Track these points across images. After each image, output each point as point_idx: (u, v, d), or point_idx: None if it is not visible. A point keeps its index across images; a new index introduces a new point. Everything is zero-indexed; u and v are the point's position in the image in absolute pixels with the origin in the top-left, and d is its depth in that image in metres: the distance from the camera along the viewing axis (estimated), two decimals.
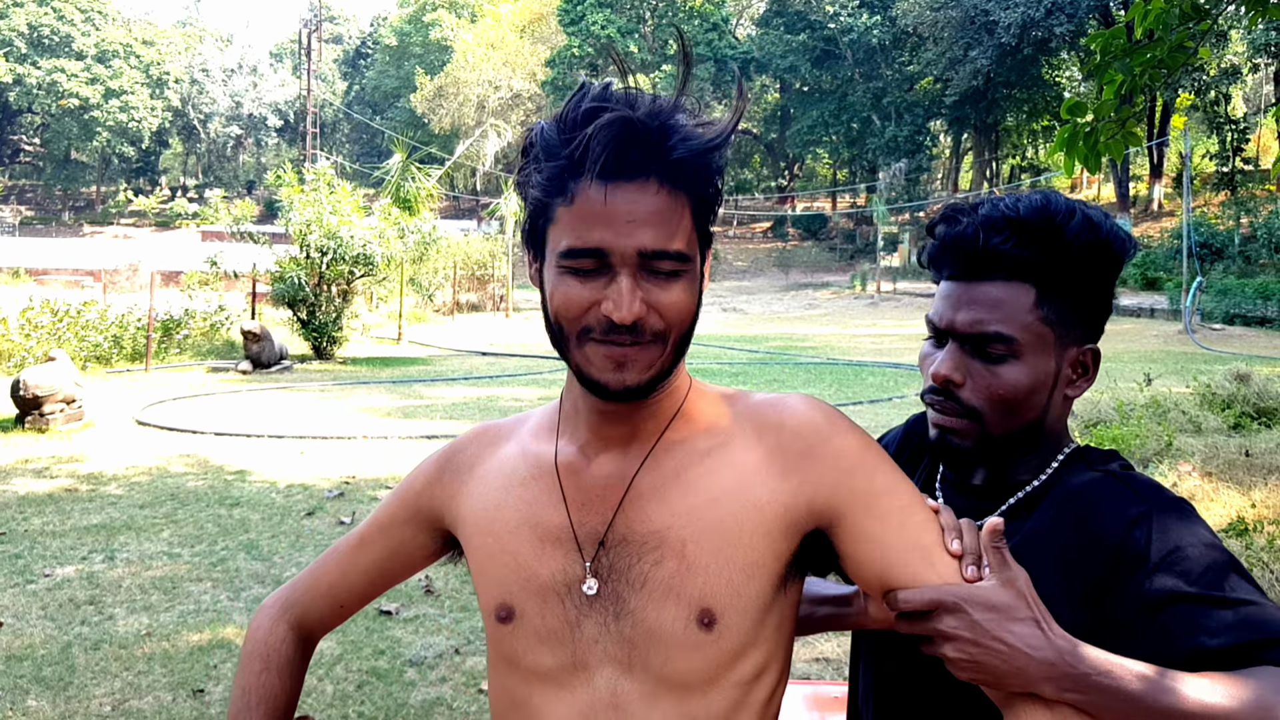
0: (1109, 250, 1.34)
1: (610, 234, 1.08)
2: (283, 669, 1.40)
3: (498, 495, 1.26)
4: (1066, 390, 1.38)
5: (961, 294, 1.36)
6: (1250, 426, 9.55)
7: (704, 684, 1.15)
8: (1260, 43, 38.01)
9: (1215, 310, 26.69)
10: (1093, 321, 1.38)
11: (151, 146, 78.13)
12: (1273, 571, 3.55)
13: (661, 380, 1.15)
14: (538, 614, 1.20)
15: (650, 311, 1.10)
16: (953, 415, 1.35)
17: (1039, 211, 1.33)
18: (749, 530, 1.14)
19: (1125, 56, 4.99)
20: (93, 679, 4.32)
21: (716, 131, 1.11)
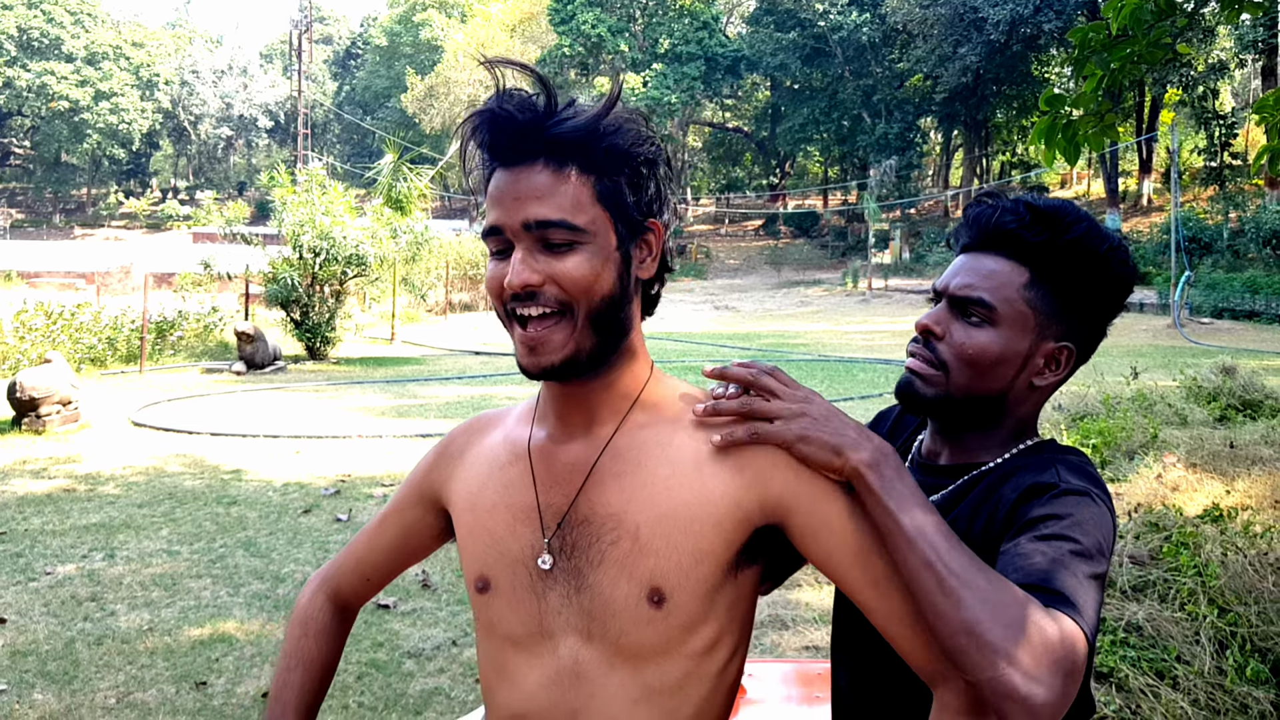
0: (1106, 265, 1.43)
1: (503, 212, 1.21)
2: (319, 635, 1.56)
3: (481, 478, 1.38)
4: (1034, 378, 1.46)
5: (965, 263, 1.48)
6: (1235, 419, 9.65)
7: (657, 655, 1.25)
8: (1248, 39, 38.20)
9: (1204, 304, 26.88)
10: (1078, 325, 1.46)
11: (142, 148, 78.00)
12: (1246, 555, 3.66)
13: (591, 361, 1.24)
14: (509, 585, 1.31)
15: (548, 281, 1.20)
16: (925, 363, 1.45)
17: (1055, 207, 1.45)
18: (700, 519, 1.23)
19: (1104, 51, 5.08)
20: (96, 673, 4.40)
21: (594, 110, 1.22)
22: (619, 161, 1.23)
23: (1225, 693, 3.28)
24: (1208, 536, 3.80)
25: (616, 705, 1.25)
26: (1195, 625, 3.43)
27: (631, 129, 1.23)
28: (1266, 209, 33.40)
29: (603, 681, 1.26)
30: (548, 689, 1.28)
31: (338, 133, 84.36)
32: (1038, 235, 1.42)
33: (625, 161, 1.23)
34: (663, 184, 1.29)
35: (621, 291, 1.25)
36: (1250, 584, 3.56)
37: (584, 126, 1.20)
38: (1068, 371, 1.48)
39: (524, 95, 1.22)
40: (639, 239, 1.27)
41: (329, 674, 1.57)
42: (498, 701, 1.34)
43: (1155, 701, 3.22)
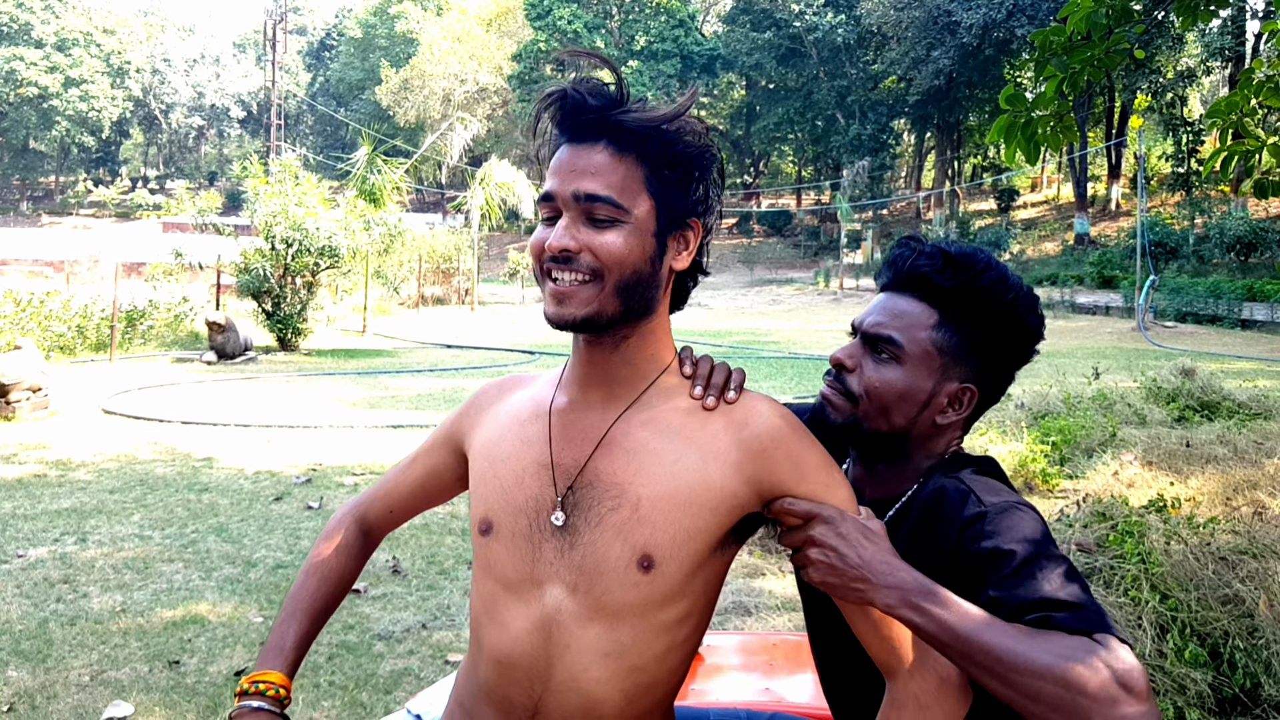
0: (1012, 312, 1.53)
1: (559, 181, 1.34)
2: (340, 549, 1.70)
3: (501, 429, 1.50)
4: (937, 416, 1.55)
5: (882, 302, 1.59)
6: (1193, 419, 9.87)
7: (632, 617, 1.36)
8: (1215, 46, 38.73)
9: (1168, 308, 27.27)
10: (982, 368, 1.55)
11: (112, 136, 77.26)
12: (1188, 545, 3.81)
13: (610, 324, 1.36)
14: (509, 531, 1.42)
15: (585, 249, 1.32)
16: (836, 393, 1.57)
17: (968, 255, 1.54)
18: (698, 503, 1.35)
19: (1064, 54, 5.23)
20: (70, 652, 4.46)
21: (663, 111, 1.34)
22: (674, 159, 1.35)
23: (1165, 674, 3.42)
24: (1152, 526, 3.95)
25: (588, 657, 1.36)
26: (1138, 610, 3.57)
27: (692, 134, 1.36)
28: (1231, 215, 33.90)
29: (579, 634, 1.36)
30: (530, 635, 1.38)
31: (311, 124, 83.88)
32: (949, 280, 1.52)
33: (680, 160, 1.36)
34: (711, 190, 1.41)
35: (652, 272, 1.37)
36: (1191, 572, 3.71)
37: (650, 121, 1.32)
38: (970, 412, 1.57)
39: (598, 81, 1.34)
40: (678, 232, 1.40)
41: (344, 586, 1.69)
42: (486, 642, 1.44)
43: None
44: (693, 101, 1.36)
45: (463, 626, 4.91)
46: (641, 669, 1.38)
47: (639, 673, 1.37)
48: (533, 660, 1.38)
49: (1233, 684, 3.48)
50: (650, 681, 1.39)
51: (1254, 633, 3.61)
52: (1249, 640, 3.57)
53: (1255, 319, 25.34)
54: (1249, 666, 3.49)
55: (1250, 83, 5.59)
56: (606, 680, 1.36)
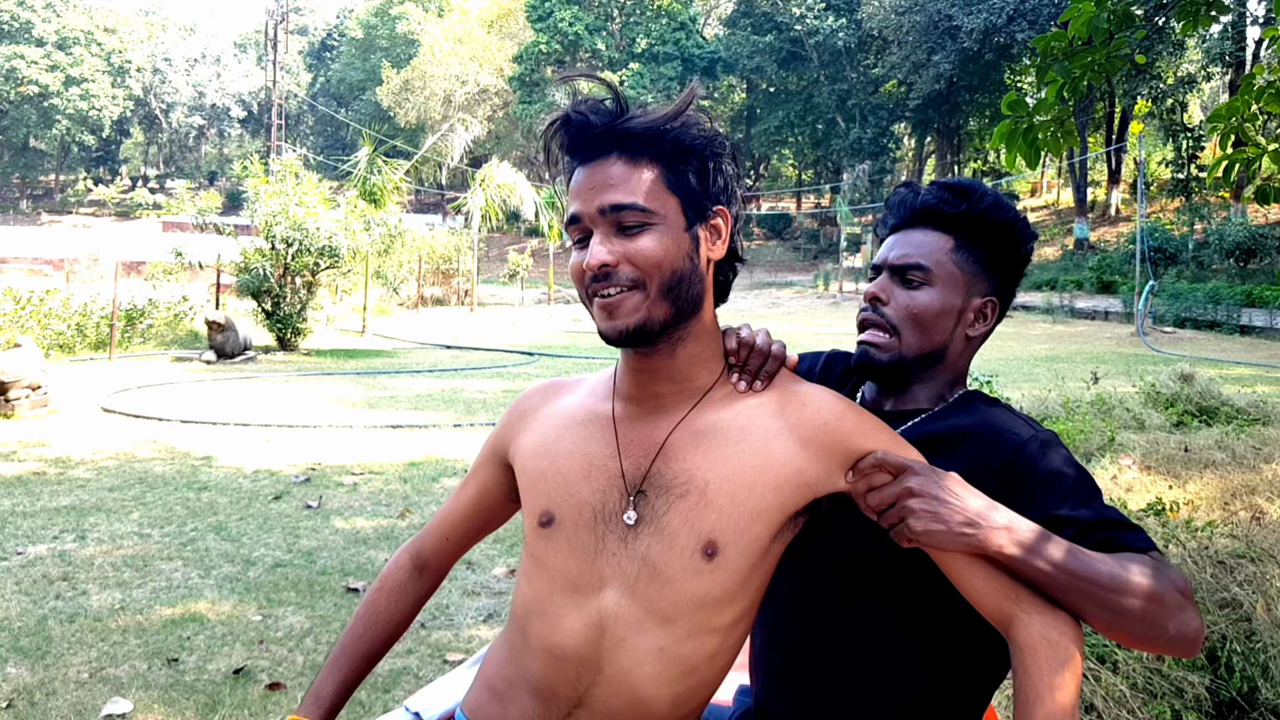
0: (1012, 229, 1.68)
1: (582, 202, 1.36)
2: (392, 590, 1.70)
3: (556, 431, 1.52)
4: (968, 330, 1.68)
5: (898, 239, 1.71)
6: (1191, 424, 9.88)
7: (688, 615, 1.37)
8: (1215, 52, 38.76)
9: (1167, 313, 27.28)
10: (998, 281, 1.70)
11: (112, 135, 77.27)
12: (1186, 548, 3.82)
13: (663, 329, 1.37)
14: (572, 523, 1.44)
15: (622, 261, 1.34)
16: (877, 329, 1.65)
17: (965, 184, 1.69)
18: (762, 481, 1.38)
19: (1064, 59, 5.25)
20: (69, 649, 4.47)
21: (665, 111, 1.36)
22: (686, 153, 1.38)
23: (1162, 677, 3.43)
24: (1151, 530, 3.96)
25: (640, 654, 1.37)
26: None
27: (697, 126, 1.38)
28: (1231, 221, 33.91)
29: (634, 631, 1.38)
30: (584, 630, 1.39)
31: (311, 124, 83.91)
32: (956, 207, 1.66)
33: (692, 153, 1.38)
34: (729, 178, 1.44)
35: (692, 268, 1.39)
36: (1189, 575, 3.72)
37: (654, 122, 1.35)
38: (995, 322, 1.71)
39: (595, 98, 1.37)
40: (707, 223, 1.42)
41: (395, 628, 1.70)
42: (532, 634, 1.45)
43: (1096, 684, 3.37)
44: (693, 97, 1.39)
45: (461, 626, 4.92)
46: (693, 670, 1.39)
47: (691, 674, 1.39)
48: (584, 655, 1.39)
49: (1230, 687, 3.48)
50: (699, 682, 1.41)
51: (1251, 636, 3.62)
52: (1246, 644, 3.58)
53: (1254, 325, 25.36)
54: (1246, 670, 3.50)
55: (1251, 88, 5.60)
56: (657, 677, 1.37)
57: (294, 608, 5.08)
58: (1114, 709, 3.31)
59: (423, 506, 7.13)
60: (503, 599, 5.30)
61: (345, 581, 5.49)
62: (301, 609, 5.06)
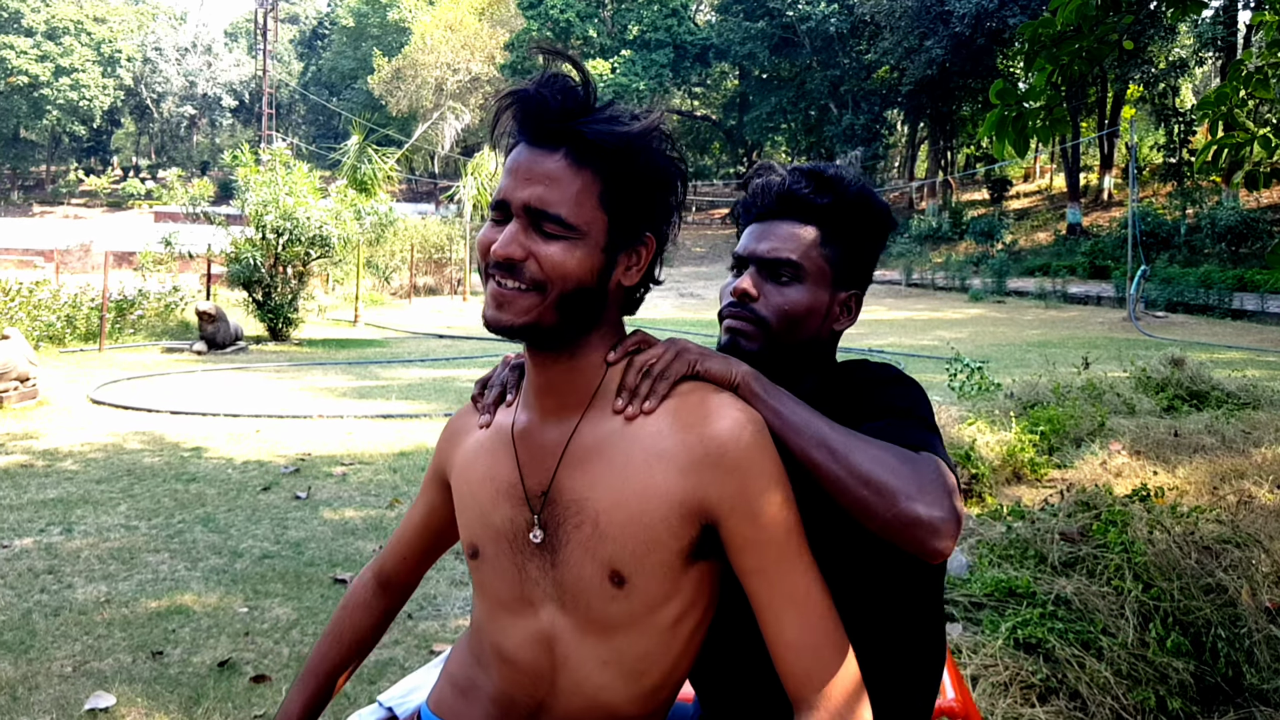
0: (877, 220, 1.67)
1: (512, 186, 1.30)
2: (356, 608, 1.70)
3: (472, 454, 1.49)
4: (834, 324, 1.67)
5: (764, 230, 1.66)
6: (1182, 409, 9.88)
7: (624, 627, 1.34)
8: (1207, 37, 38.72)
9: (1159, 298, 27.28)
10: (860, 273, 1.69)
11: (103, 125, 77.01)
12: (1171, 534, 3.81)
13: (550, 336, 1.31)
14: (494, 555, 1.42)
15: (530, 258, 1.28)
16: (746, 322, 1.62)
17: (833, 173, 1.65)
18: (649, 512, 1.30)
19: (1053, 46, 5.22)
20: (53, 642, 4.45)
21: (631, 128, 1.28)
22: (635, 177, 1.29)
23: (1147, 663, 3.43)
24: (1136, 515, 3.96)
25: (588, 666, 1.35)
26: (1121, 599, 3.58)
27: (658, 152, 1.30)
28: (1223, 205, 33.94)
29: (576, 645, 1.36)
30: (531, 646, 1.38)
31: (303, 113, 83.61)
32: (823, 198, 1.62)
33: (641, 178, 1.30)
34: (672, 205, 1.37)
35: (597, 288, 1.31)
36: (1174, 561, 3.72)
37: (613, 136, 1.26)
38: (857, 313, 1.71)
39: (566, 82, 1.28)
40: (631, 248, 1.34)
41: (361, 645, 1.70)
42: (489, 643, 1.45)
43: (1080, 671, 3.37)
44: (661, 119, 1.31)
45: (448, 616, 4.91)
46: (645, 673, 1.36)
47: (643, 676, 1.36)
48: (536, 667, 1.38)
49: (1215, 673, 3.49)
50: (655, 684, 1.38)
51: (1236, 621, 3.62)
52: (1231, 629, 3.58)
53: (1245, 309, 25.38)
54: (1231, 655, 3.50)
55: (1240, 74, 5.58)
56: (609, 686, 1.36)
57: (281, 599, 5.06)
58: (1098, 695, 3.31)
59: (412, 497, 7.10)
60: None
61: (333, 573, 5.47)
62: (288, 601, 5.05)
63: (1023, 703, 3.29)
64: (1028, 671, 3.34)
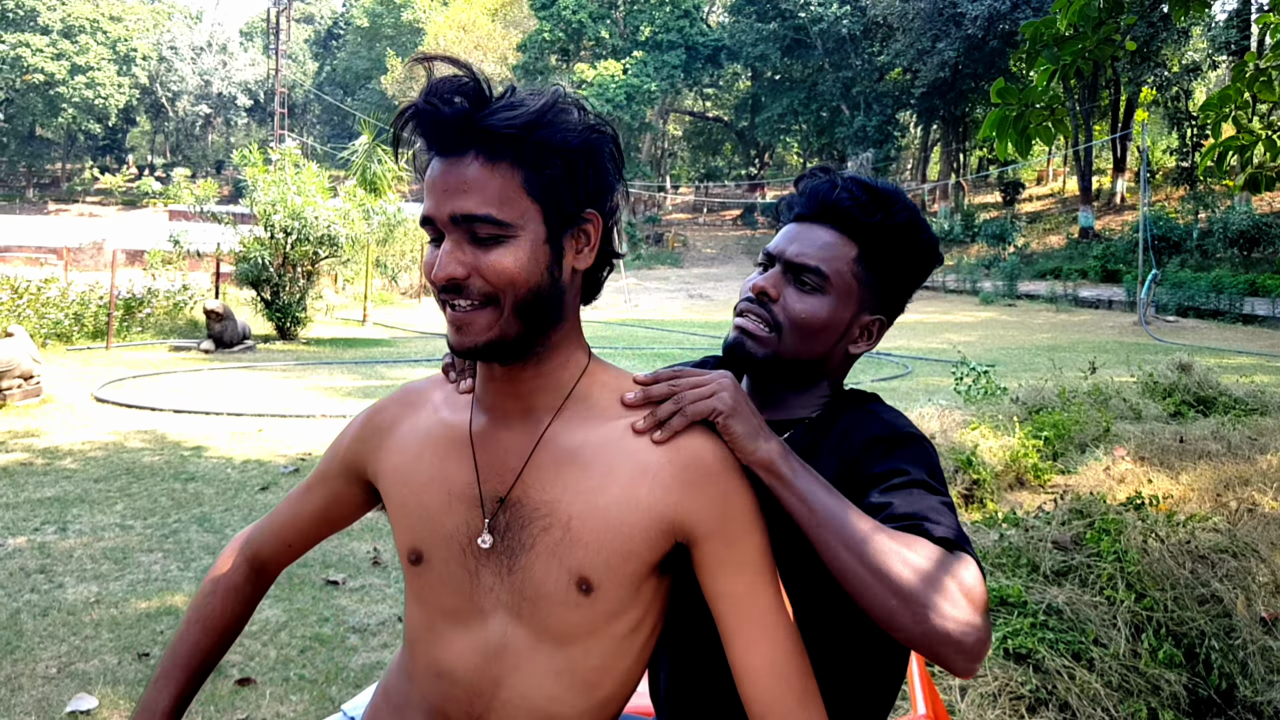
0: (924, 250, 1.57)
1: (434, 203, 1.24)
2: (226, 593, 1.56)
3: (414, 453, 1.40)
4: (850, 346, 1.58)
5: (800, 232, 1.58)
6: (1188, 414, 9.79)
7: (583, 636, 1.30)
8: (1220, 40, 38.51)
9: (1170, 302, 27.14)
10: (891, 299, 1.60)
11: (118, 124, 77.21)
12: (1165, 543, 3.75)
13: (517, 346, 1.26)
14: (442, 560, 1.35)
15: (474, 274, 1.22)
16: (760, 323, 1.54)
17: (888, 191, 1.55)
18: (628, 523, 1.26)
19: (1054, 46, 5.17)
20: (40, 643, 4.43)
21: (532, 107, 1.22)
22: (552, 154, 1.23)
23: (1139, 675, 3.37)
24: (1130, 524, 3.90)
25: (539, 676, 1.30)
26: (1113, 609, 3.52)
27: (567, 121, 1.23)
28: (1235, 210, 33.73)
29: (528, 656, 1.31)
30: (473, 656, 1.33)
31: (317, 113, 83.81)
32: (871, 216, 1.52)
33: (559, 154, 1.23)
34: (605, 173, 1.29)
35: (551, 283, 1.26)
36: (1168, 570, 3.66)
37: (516, 120, 1.20)
38: (878, 340, 1.60)
39: (457, 84, 1.22)
40: (575, 229, 1.28)
41: (230, 633, 1.56)
42: (422, 658, 1.39)
43: (1071, 682, 3.31)
44: (558, 98, 1.25)
45: None
46: (596, 684, 1.32)
47: (594, 688, 1.32)
48: (475, 680, 1.33)
49: (1208, 685, 3.43)
50: (607, 696, 1.34)
51: (1231, 633, 3.56)
52: (1225, 640, 3.52)
53: (1257, 314, 25.22)
54: (1225, 667, 3.44)
55: (1243, 76, 5.52)
56: (559, 697, 1.31)
57: (271, 600, 5.03)
58: (1088, 707, 3.26)
59: None
60: None
61: (325, 574, 5.44)
62: (279, 602, 5.02)
63: (1012, 714, 3.24)
64: (1017, 682, 3.29)
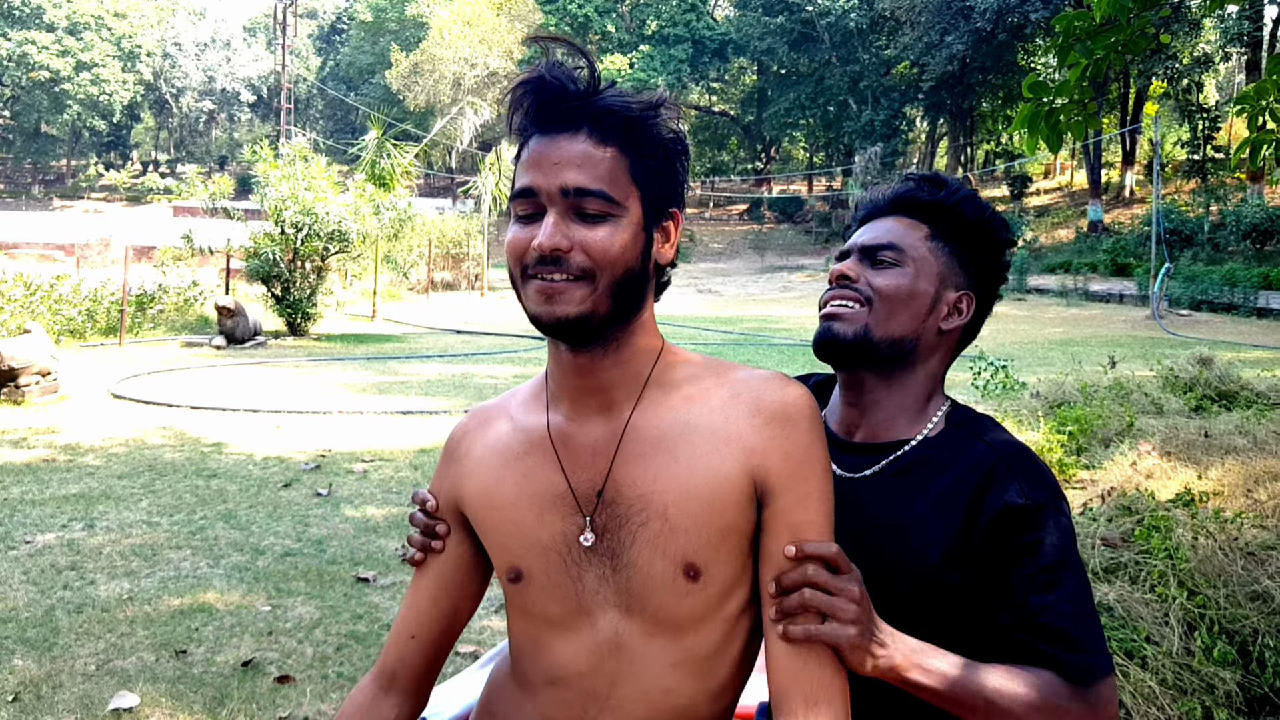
0: (988, 226, 1.62)
1: (540, 175, 1.23)
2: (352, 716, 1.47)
3: (496, 472, 1.38)
4: (941, 322, 1.58)
5: (870, 226, 1.66)
6: (1210, 409, 9.75)
7: (696, 623, 1.29)
8: (1233, 32, 38.34)
9: (1182, 296, 27.03)
10: (975, 276, 1.62)
11: (123, 120, 77.19)
12: (1216, 540, 3.72)
13: (603, 325, 1.26)
14: (543, 572, 1.33)
15: (576, 248, 1.22)
16: (845, 301, 1.57)
17: (939, 175, 1.64)
18: (721, 498, 1.26)
19: (1087, 39, 5.13)
20: (76, 640, 4.41)
21: (644, 98, 1.26)
22: (656, 145, 1.27)
23: (1193, 673, 3.34)
24: (1179, 521, 3.86)
25: (656, 669, 1.30)
26: (1165, 607, 3.49)
27: (672, 121, 1.28)
28: (1247, 202, 33.61)
29: (643, 650, 1.30)
30: (586, 657, 1.31)
31: (321, 108, 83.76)
32: (931, 194, 1.61)
33: (661, 146, 1.28)
34: (684, 177, 1.34)
35: (643, 268, 1.28)
36: (1220, 568, 3.62)
37: (633, 107, 1.25)
38: (970, 319, 1.61)
39: (571, 66, 1.26)
40: (661, 224, 1.31)
41: None
42: (533, 669, 1.37)
43: (1124, 680, 3.28)
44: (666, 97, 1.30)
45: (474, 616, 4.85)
46: (711, 671, 1.31)
47: (713, 674, 1.32)
48: (590, 681, 1.32)
49: (1262, 683, 3.39)
50: (723, 683, 1.33)
51: None
52: (1278, 638, 3.49)
53: (1271, 307, 25.12)
54: (1279, 665, 3.41)
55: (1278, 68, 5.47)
56: (676, 689, 1.30)
57: (304, 598, 5.01)
58: (1143, 706, 3.22)
59: None
60: None
61: (355, 571, 5.43)
62: (311, 599, 5.00)
63: None
64: None
